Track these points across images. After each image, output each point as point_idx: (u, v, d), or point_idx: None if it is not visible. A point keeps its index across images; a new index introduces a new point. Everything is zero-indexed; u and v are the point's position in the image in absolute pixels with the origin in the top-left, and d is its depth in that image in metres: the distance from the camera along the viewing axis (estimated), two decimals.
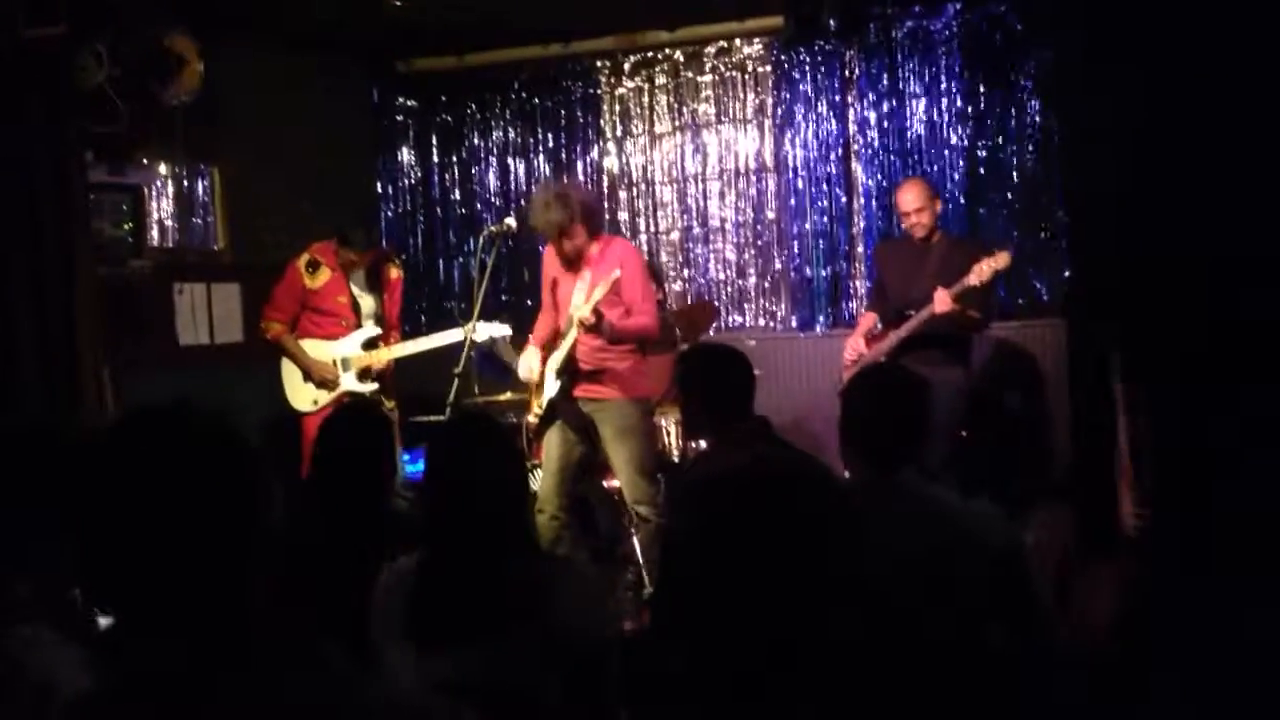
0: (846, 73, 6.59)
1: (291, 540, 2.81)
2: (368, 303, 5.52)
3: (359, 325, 5.46)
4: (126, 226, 5.51)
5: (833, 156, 6.61)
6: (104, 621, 1.86)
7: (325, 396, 5.38)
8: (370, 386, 5.43)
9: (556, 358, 4.71)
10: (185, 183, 6.13)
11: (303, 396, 5.41)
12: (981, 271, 4.84)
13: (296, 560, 2.71)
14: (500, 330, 5.24)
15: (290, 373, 5.43)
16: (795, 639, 1.27)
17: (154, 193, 5.93)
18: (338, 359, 5.41)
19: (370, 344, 5.46)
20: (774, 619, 1.27)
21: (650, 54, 6.94)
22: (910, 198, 5.22)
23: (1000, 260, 4.86)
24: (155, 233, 5.95)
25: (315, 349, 5.41)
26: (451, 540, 2.24)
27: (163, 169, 5.96)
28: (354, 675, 1.22)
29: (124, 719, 1.16)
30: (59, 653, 1.67)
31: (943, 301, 4.88)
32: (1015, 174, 6.25)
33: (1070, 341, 5.60)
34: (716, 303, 6.92)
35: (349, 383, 5.39)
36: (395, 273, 5.72)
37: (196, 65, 5.49)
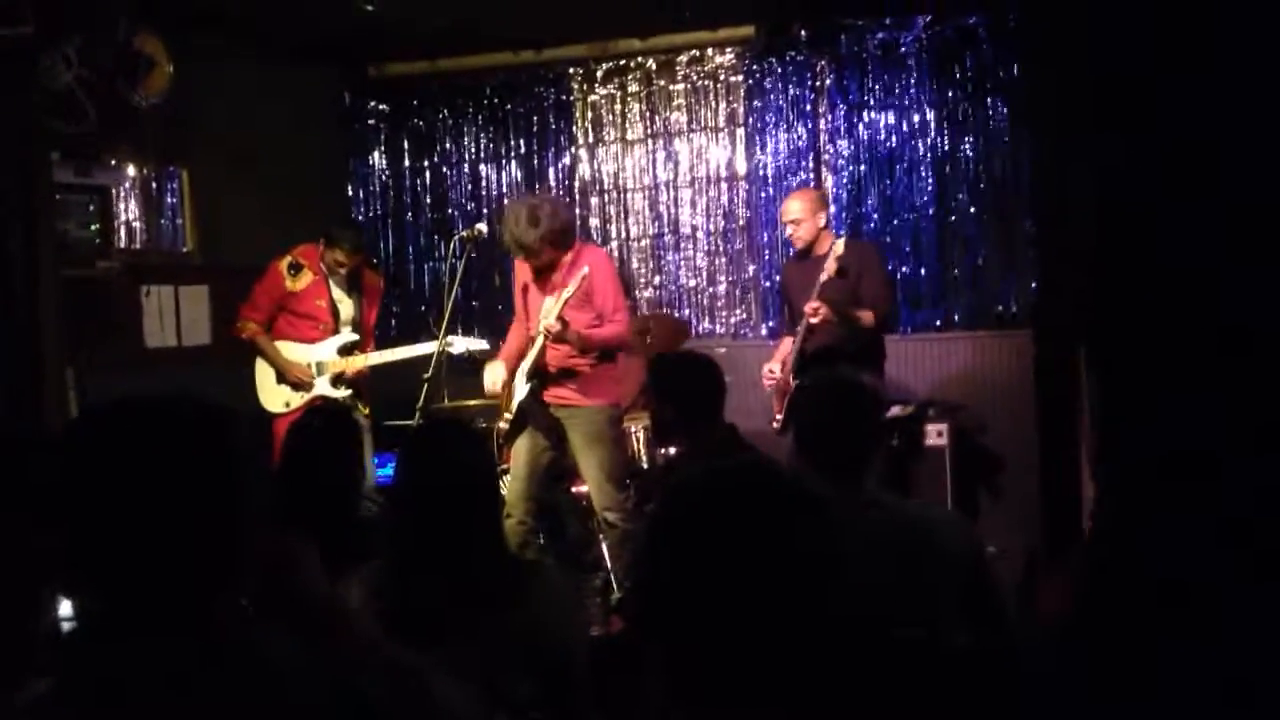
0: (817, 83, 6.63)
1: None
2: (347, 308, 5.50)
3: (336, 330, 5.44)
4: (93, 228, 5.46)
5: (803, 165, 6.65)
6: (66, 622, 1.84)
7: (298, 399, 5.35)
8: (344, 393, 5.41)
9: (526, 362, 4.71)
10: (154, 184, 6.08)
11: (275, 398, 5.39)
12: (828, 269, 4.89)
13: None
14: (476, 344, 5.25)
15: (264, 373, 5.41)
16: (777, 640, 1.28)
17: (122, 194, 5.88)
18: (313, 363, 5.39)
19: (346, 350, 5.44)
20: (757, 620, 1.28)
21: (622, 62, 6.96)
22: (792, 208, 5.21)
23: (836, 251, 4.89)
24: (123, 234, 5.90)
25: (291, 351, 5.38)
26: (420, 543, 2.23)
27: (131, 170, 5.91)
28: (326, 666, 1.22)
29: (85, 707, 1.16)
30: None
31: (813, 309, 4.88)
32: (983, 184, 6.30)
33: (1037, 351, 5.62)
34: (687, 309, 6.94)
35: (323, 387, 5.38)
36: (376, 281, 5.72)
37: (166, 66, 5.46)
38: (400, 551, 2.27)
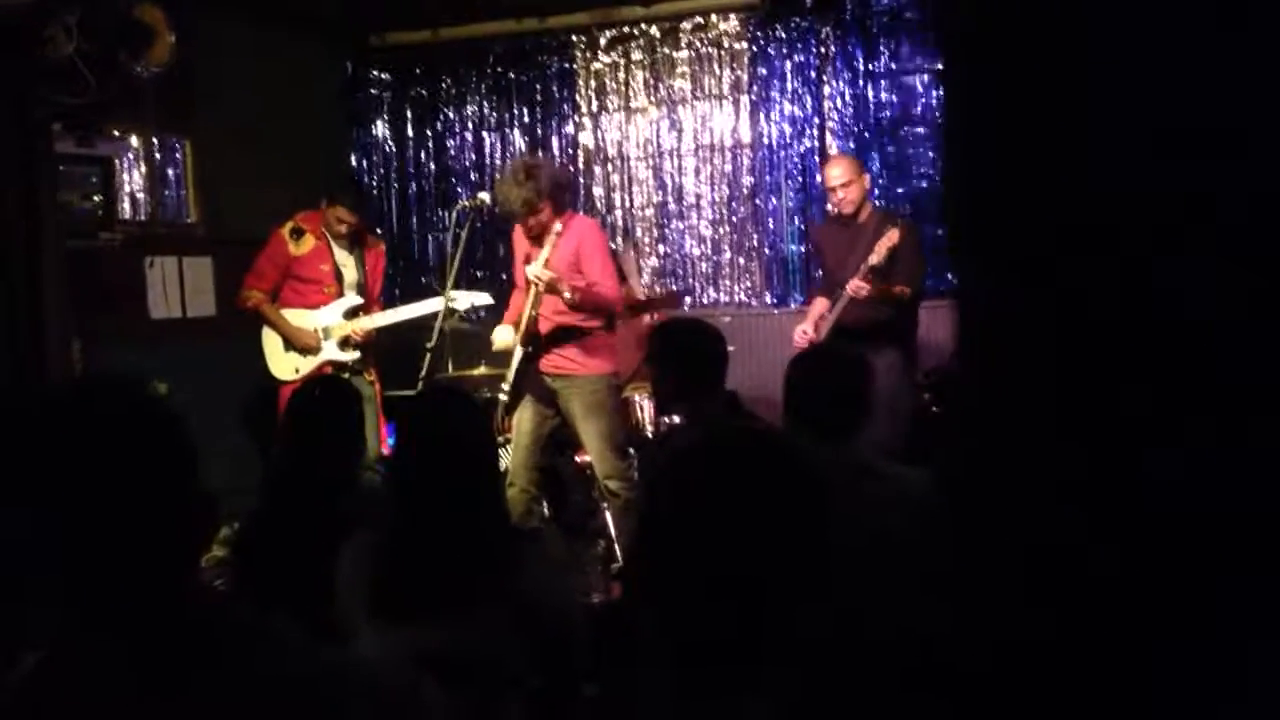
0: (822, 50, 6.59)
1: (260, 512, 2.81)
2: (350, 271, 5.51)
3: (341, 294, 5.45)
4: (96, 199, 5.46)
5: (808, 133, 6.62)
6: None
7: (307, 365, 5.37)
8: (352, 355, 5.42)
9: (521, 327, 4.72)
10: (157, 155, 6.08)
11: (284, 365, 5.41)
12: (879, 251, 4.84)
13: (262, 531, 2.72)
14: (481, 299, 5.25)
15: (271, 341, 5.42)
16: (769, 607, 1.29)
17: (125, 165, 5.88)
18: (319, 328, 5.40)
19: (352, 313, 5.46)
20: (750, 586, 1.29)
21: (626, 29, 6.92)
22: (837, 172, 5.14)
23: (892, 238, 4.84)
24: (126, 205, 5.90)
25: (297, 318, 5.40)
26: (420, 512, 2.25)
27: (134, 141, 5.90)
28: (304, 644, 1.23)
29: (65, 694, 1.17)
30: None
31: (856, 288, 4.86)
32: None
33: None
34: (690, 279, 6.94)
35: (330, 351, 5.39)
36: (378, 246, 5.72)
37: (168, 37, 5.43)
38: (398, 519, 2.28)
